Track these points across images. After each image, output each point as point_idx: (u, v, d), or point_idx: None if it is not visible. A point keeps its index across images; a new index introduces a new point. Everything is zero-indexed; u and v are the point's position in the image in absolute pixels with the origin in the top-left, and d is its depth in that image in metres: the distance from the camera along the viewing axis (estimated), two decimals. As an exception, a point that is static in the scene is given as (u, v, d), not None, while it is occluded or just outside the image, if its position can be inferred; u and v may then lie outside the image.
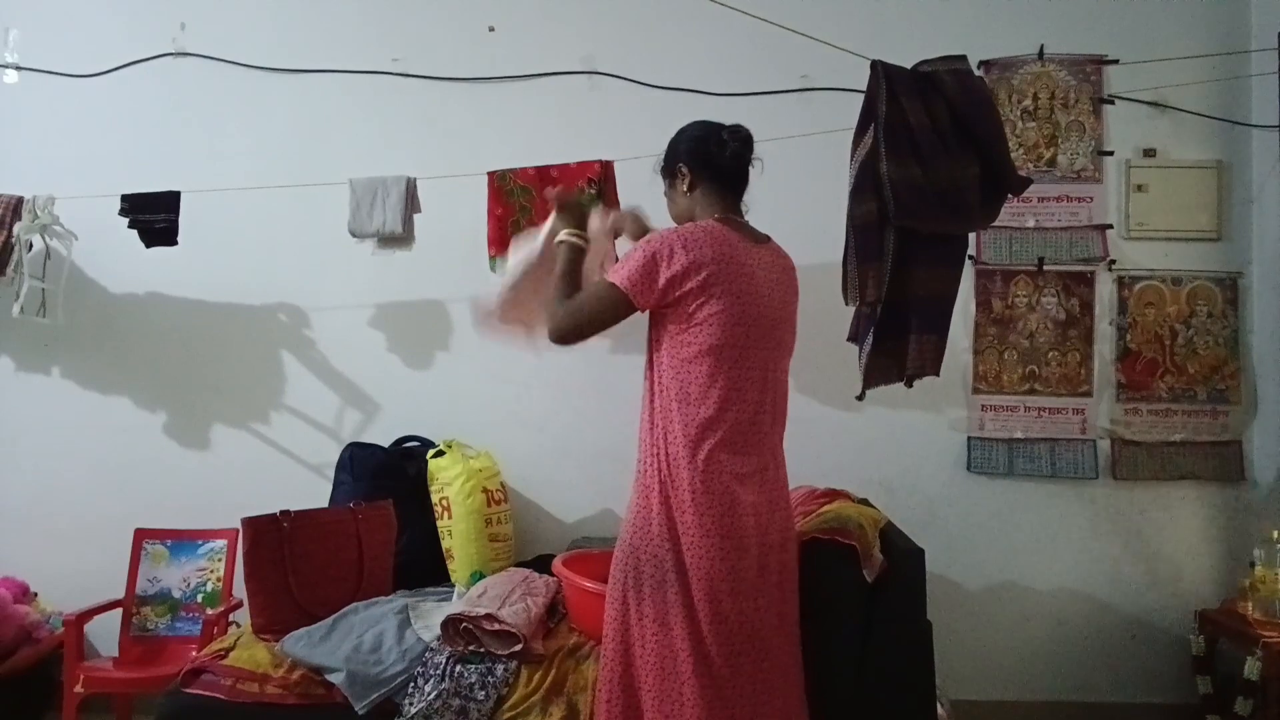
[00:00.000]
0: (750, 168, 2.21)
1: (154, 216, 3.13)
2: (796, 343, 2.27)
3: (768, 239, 2.23)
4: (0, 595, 3.18)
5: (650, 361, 2.15)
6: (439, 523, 3.13)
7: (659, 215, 2.33)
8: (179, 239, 3.16)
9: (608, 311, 2.06)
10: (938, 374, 2.63)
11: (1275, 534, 3.03)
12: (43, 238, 3.23)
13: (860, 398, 2.68)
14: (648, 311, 2.12)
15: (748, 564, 2.05)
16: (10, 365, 3.49)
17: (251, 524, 2.71)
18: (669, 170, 2.24)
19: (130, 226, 3.14)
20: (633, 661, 2.07)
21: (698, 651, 2.01)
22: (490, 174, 3.13)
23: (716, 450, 2.03)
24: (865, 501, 2.84)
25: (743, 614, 2.04)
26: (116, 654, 3.16)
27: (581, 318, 2.07)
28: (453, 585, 2.99)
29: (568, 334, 2.09)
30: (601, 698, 2.10)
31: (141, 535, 3.25)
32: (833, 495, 2.80)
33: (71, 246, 3.27)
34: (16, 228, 3.12)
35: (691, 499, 2.03)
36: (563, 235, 2.24)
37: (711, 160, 2.17)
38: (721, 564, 2.02)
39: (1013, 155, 3.03)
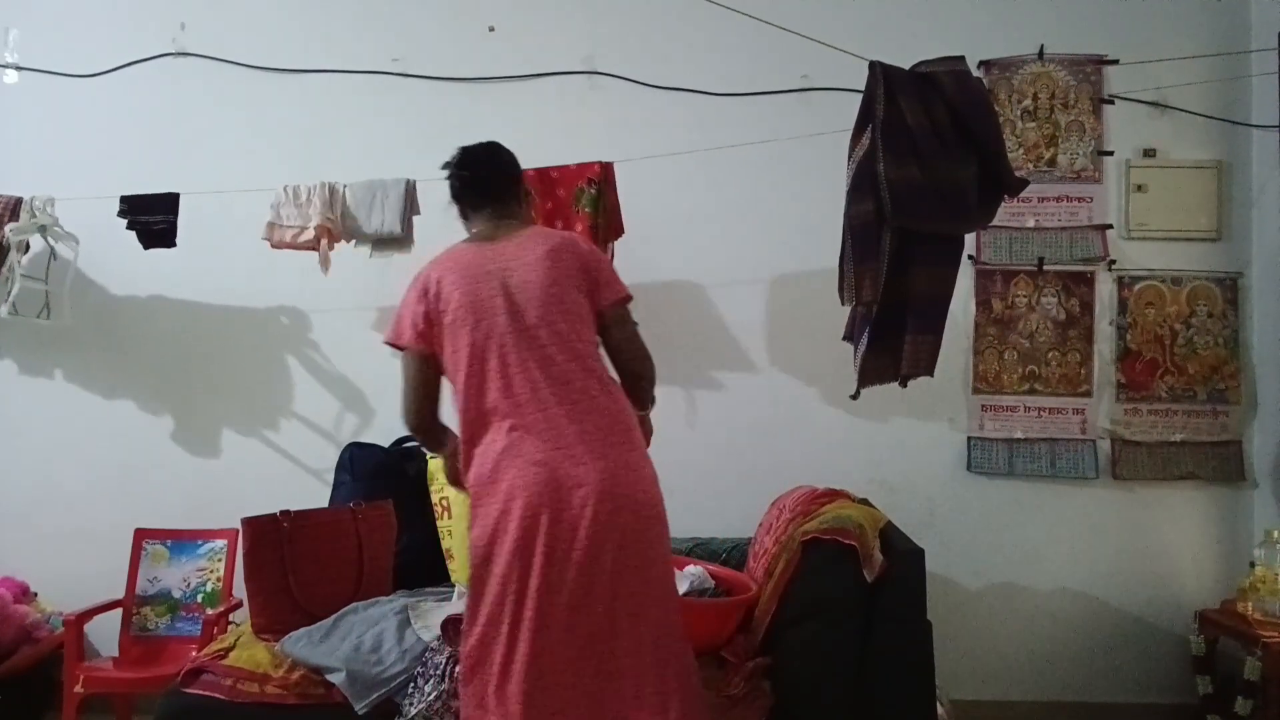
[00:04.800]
0: (478, 185, 2.27)
1: (152, 218, 3.13)
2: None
3: (523, 227, 2.25)
4: (0, 595, 3.18)
5: None
6: (439, 523, 3.13)
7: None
8: (177, 240, 3.16)
9: (413, 375, 2.17)
10: (932, 374, 2.64)
11: (1275, 534, 3.03)
12: (45, 239, 3.23)
13: (855, 397, 2.68)
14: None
15: (497, 557, 2.00)
16: (13, 367, 3.49)
17: (251, 524, 2.71)
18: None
19: (129, 228, 3.14)
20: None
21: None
22: (490, 174, 3.12)
23: (472, 437, 2.08)
24: (865, 501, 2.84)
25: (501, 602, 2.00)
26: (116, 654, 3.16)
27: (408, 401, 2.18)
28: (453, 585, 2.99)
29: (413, 424, 2.20)
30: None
31: (141, 535, 3.25)
32: (833, 495, 2.80)
33: (77, 249, 3.27)
34: (9, 228, 3.11)
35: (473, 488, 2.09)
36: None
37: (455, 195, 2.30)
38: (472, 563, 2.05)
39: (1012, 155, 3.05)
